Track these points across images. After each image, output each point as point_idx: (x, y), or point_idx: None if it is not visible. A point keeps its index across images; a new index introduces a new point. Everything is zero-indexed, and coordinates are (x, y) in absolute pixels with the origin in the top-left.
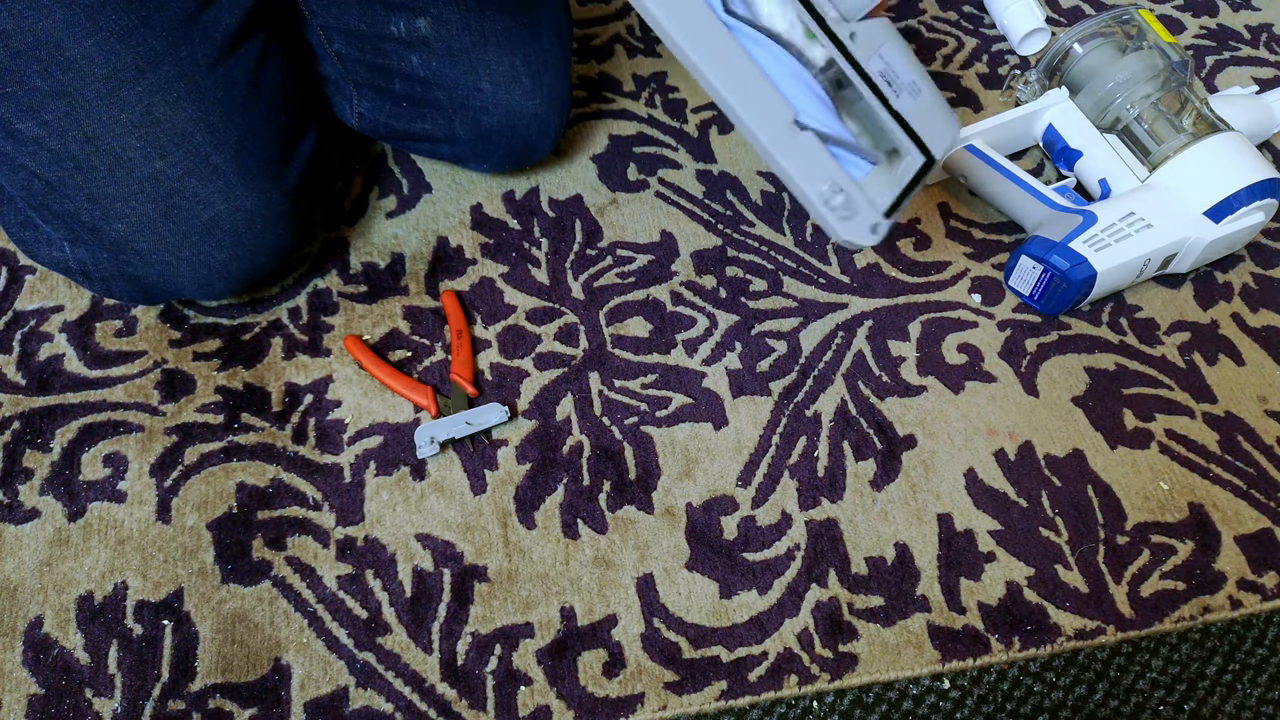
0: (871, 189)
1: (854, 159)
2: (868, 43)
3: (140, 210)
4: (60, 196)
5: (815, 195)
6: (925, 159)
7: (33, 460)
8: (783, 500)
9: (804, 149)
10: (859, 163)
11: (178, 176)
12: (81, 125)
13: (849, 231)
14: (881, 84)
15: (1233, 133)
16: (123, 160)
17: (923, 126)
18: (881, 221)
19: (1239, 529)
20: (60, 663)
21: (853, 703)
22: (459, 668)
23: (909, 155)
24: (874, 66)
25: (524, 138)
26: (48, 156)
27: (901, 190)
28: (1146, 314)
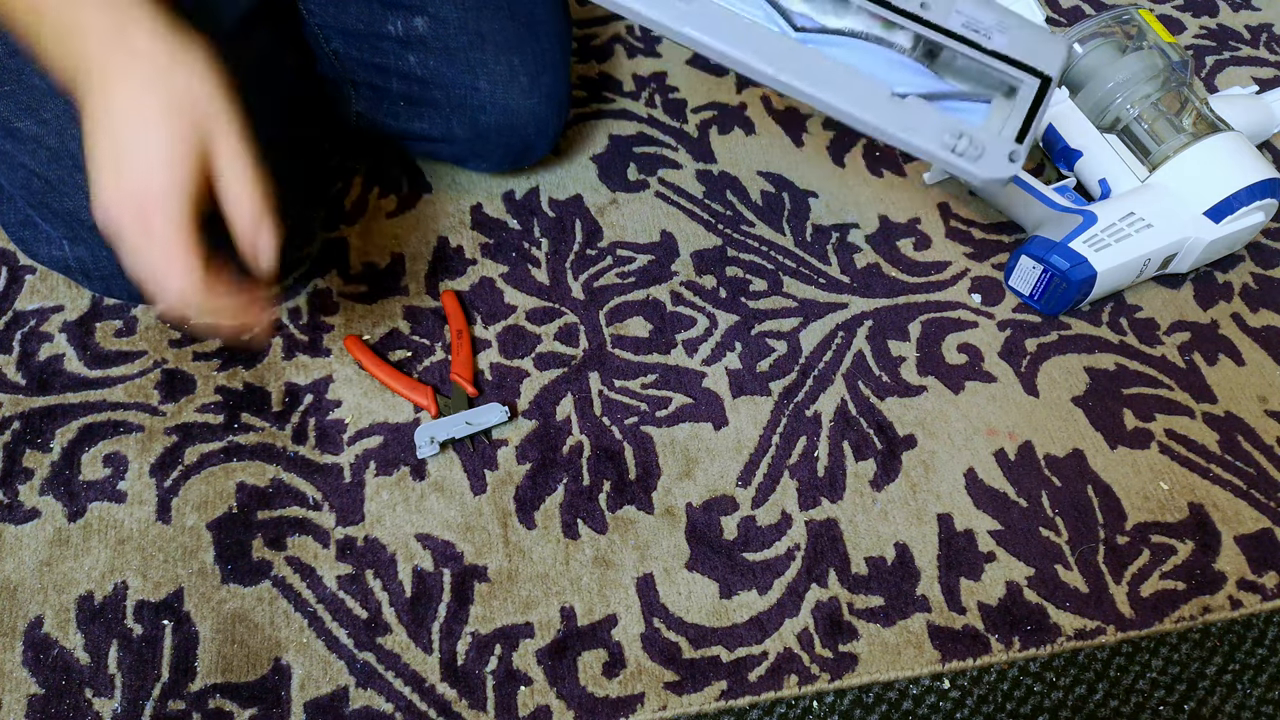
0: (995, 124)
1: (966, 106)
2: (942, 6)
3: None
4: (60, 195)
5: (939, 149)
6: (1040, 80)
7: (33, 460)
8: (783, 500)
9: (911, 114)
10: (973, 107)
11: None
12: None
13: (987, 168)
14: (969, 34)
15: (1233, 133)
16: None
17: (1024, 53)
18: (1016, 148)
19: (1239, 529)
20: (60, 663)
21: (853, 703)
22: (459, 668)
23: (1023, 83)
24: (955, 23)
25: (522, 137)
26: (47, 155)
27: (1026, 113)
28: (1146, 314)
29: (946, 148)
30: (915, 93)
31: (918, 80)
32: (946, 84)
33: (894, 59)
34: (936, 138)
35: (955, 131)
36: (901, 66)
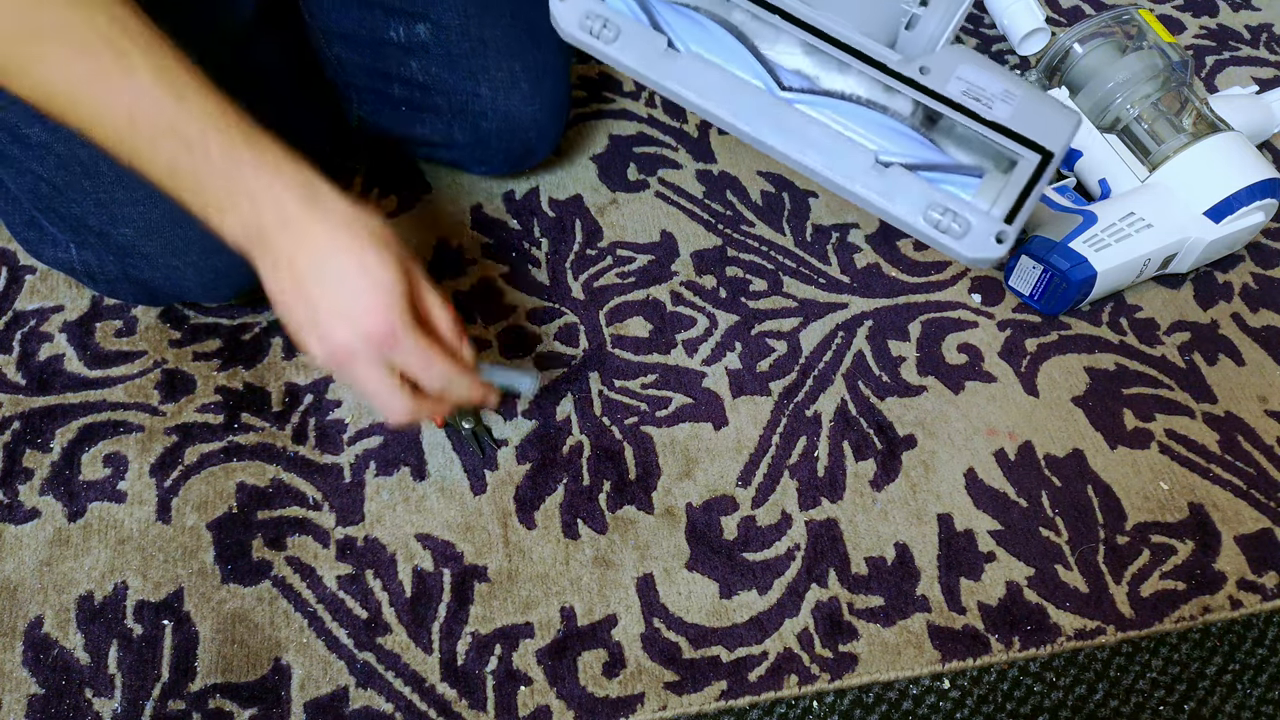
0: (985, 200)
1: (955, 179)
2: (942, 71)
3: (147, 215)
4: (67, 200)
5: (920, 222)
6: (1040, 155)
7: (33, 460)
8: (783, 500)
9: (892, 183)
10: (964, 180)
11: None
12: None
13: (972, 248)
14: (968, 102)
15: (1233, 133)
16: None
17: (1027, 125)
18: (1005, 229)
19: (1239, 529)
20: (60, 663)
21: (853, 703)
22: (459, 668)
23: (1022, 157)
24: (954, 89)
25: (523, 142)
26: (55, 161)
27: (1020, 191)
28: (1146, 314)
29: (929, 222)
30: (901, 161)
31: (909, 148)
32: (938, 152)
33: (887, 124)
34: (917, 210)
35: (939, 206)
36: (894, 133)
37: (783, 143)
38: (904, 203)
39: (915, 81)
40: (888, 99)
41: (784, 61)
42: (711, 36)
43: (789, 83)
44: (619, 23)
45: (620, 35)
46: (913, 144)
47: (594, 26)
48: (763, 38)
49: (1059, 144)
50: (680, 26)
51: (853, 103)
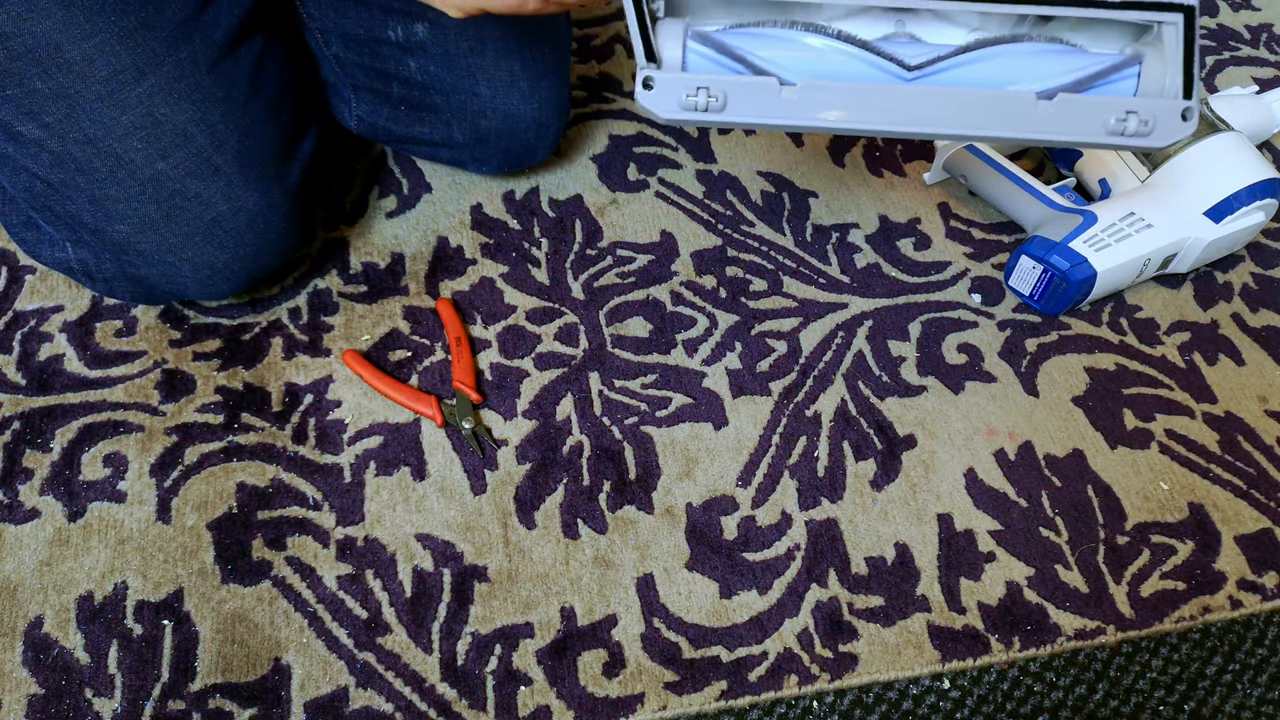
0: (1154, 85)
1: (1117, 79)
2: None
3: (142, 211)
4: (62, 198)
5: (1109, 137)
6: (1181, 11)
7: (33, 460)
8: (783, 500)
9: (1065, 112)
10: (1124, 76)
11: (179, 177)
12: (82, 127)
13: (1163, 137)
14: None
15: (1233, 133)
16: (124, 162)
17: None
18: (1187, 104)
19: (1239, 529)
20: (60, 663)
21: (853, 703)
22: (459, 668)
23: (1165, 24)
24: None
25: (522, 141)
26: (49, 159)
27: (1183, 60)
28: (1146, 314)
29: (1116, 133)
30: (1060, 86)
31: (1057, 65)
32: (1081, 54)
33: (1020, 51)
34: (1101, 127)
35: (1119, 113)
36: (1033, 55)
37: (948, 126)
38: (1084, 126)
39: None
40: (998, 26)
41: (876, 29)
42: (809, 50)
43: (908, 59)
44: (721, 86)
45: (728, 98)
46: (1056, 59)
47: (697, 101)
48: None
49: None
50: (774, 55)
51: (975, 50)
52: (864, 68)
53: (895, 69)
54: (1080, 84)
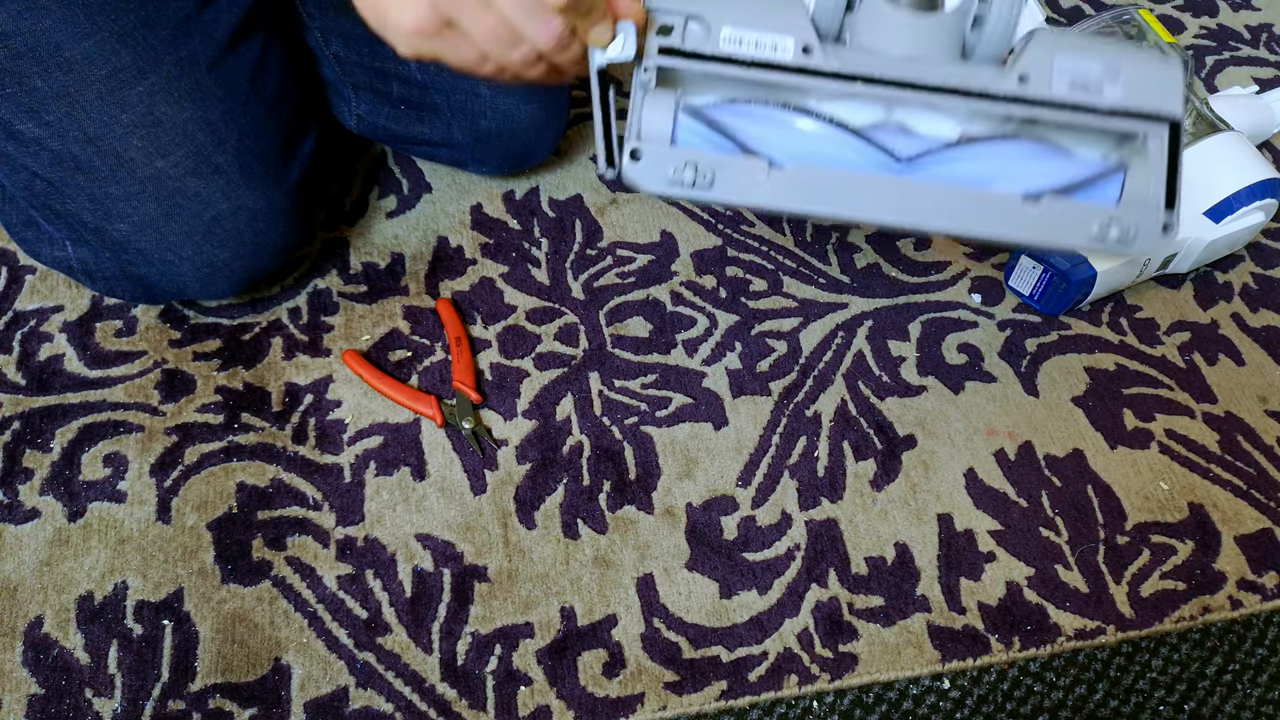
0: (1138, 193)
1: (1102, 185)
2: (1040, 71)
3: (142, 210)
4: (62, 197)
5: (1091, 243)
6: (1168, 124)
7: (33, 460)
8: (783, 500)
9: (1049, 216)
10: (1109, 182)
11: (179, 176)
12: (83, 126)
13: (1144, 247)
14: (1079, 96)
15: (1233, 133)
16: (124, 160)
17: (1142, 97)
18: (1169, 215)
19: (1239, 529)
20: (60, 663)
21: (853, 703)
22: (459, 668)
23: (1151, 135)
24: (1062, 88)
25: (522, 142)
26: (49, 157)
27: (1166, 171)
28: (1146, 314)
29: (1098, 241)
30: (1047, 188)
31: (1044, 167)
32: (1069, 157)
33: (1010, 150)
34: (1084, 233)
35: (1103, 221)
36: (1021, 155)
37: (932, 221)
38: (1068, 231)
39: (1021, 97)
40: (998, 123)
41: (871, 115)
42: (801, 133)
43: (899, 150)
44: (709, 164)
45: (715, 175)
46: (1044, 161)
47: (684, 177)
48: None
49: (1177, 105)
50: (765, 135)
51: (967, 145)
52: (855, 155)
53: (886, 159)
54: (1066, 188)
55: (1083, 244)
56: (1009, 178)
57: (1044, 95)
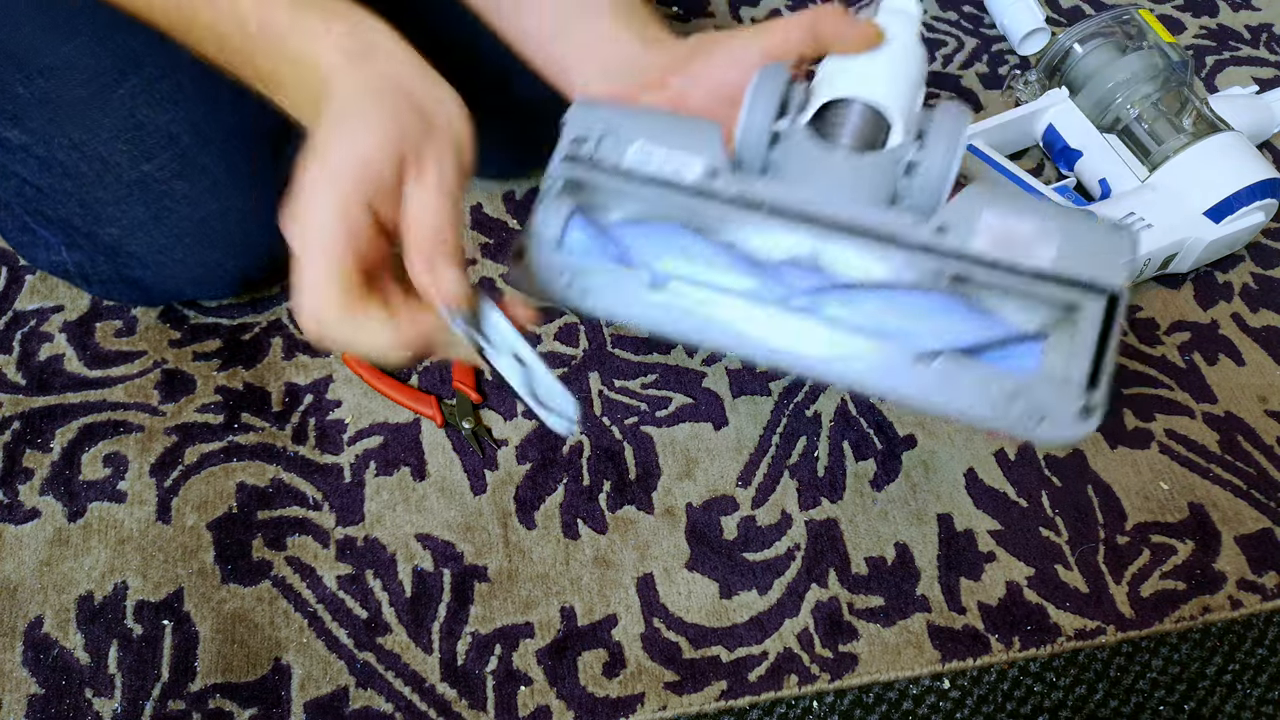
0: (1055, 369)
1: (1017, 350)
2: (963, 224)
3: (131, 214)
4: (52, 202)
5: (989, 416)
6: (1105, 296)
7: (33, 460)
8: (783, 500)
9: (944, 377)
10: (1026, 350)
11: (166, 179)
12: (66, 132)
13: (1053, 431)
14: (1003, 254)
15: (1233, 133)
16: (110, 165)
17: (1078, 263)
18: (1091, 397)
19: (1239, 529)
20: (60, 663)
21: (853, 703)
22: (459, 668)
23: (1083, 305)
24: (983, 242)
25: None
26: (35, 164)
27: (1094, 348)
28: (1146, 314)
29: (998, 413)
30: (947, 347)
31: (951, 324)
32: (984, 318)
33: (920, 302)
34: (982, 403)
35: (1007, 391)
36: (927, 308)
37: (814, 369)
38: (963, 397)
39: (936, 248)
40: (906, 265)
41: (773, 248)
42: (695, 259)
43: (793, 283)
44: (589, 272)
45: (591, 286)
46: (953, 316)
47: (560, 282)
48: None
49: (1120, 276)
50: (657, 254)
51: (868, 289)
52: (748, 286)
53: (780, 294)
54: (973, 349)
55: (980, 414)
56: (910, 332)
57: (962, 248)
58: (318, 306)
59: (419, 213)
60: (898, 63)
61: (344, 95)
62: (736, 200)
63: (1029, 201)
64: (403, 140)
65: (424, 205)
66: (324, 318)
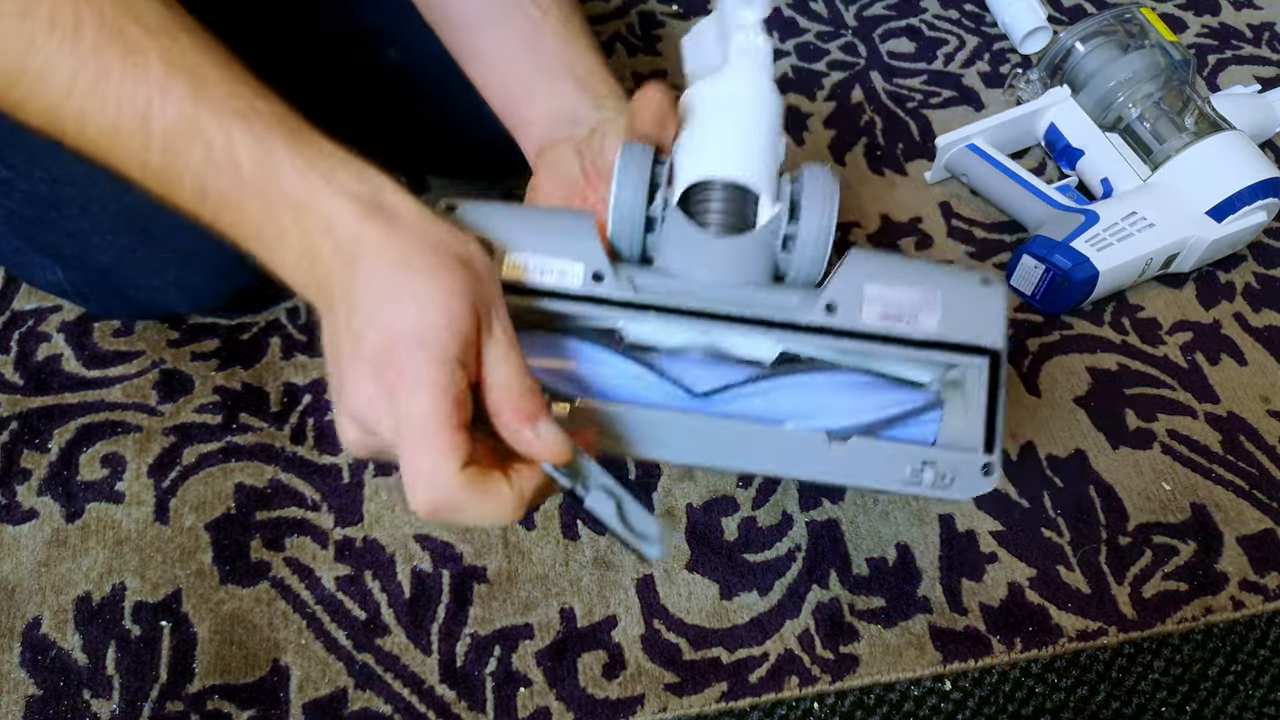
0: (955, 433)
1: (916, 422)
2: (850, 300)
3: (118, 243)
4: (42, 230)
5: (905, 487)
6: (987, 356)
7: (30, 461)
8: (783, 501)
9: (856, 457)
10: (926, 419)
11: (151, 210)
12: (45, 166)
13: (963, 490)
14: (888, 327)
15: (1235, 131)
16: (93, 197)
17: (959, 326)
18: (989, 459)
19: (1241, 529)
20: (58, 664)
21: (854, 704)
22: (458, 669)
23: (968, 367)
24: (872, 317)
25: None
26: (21, 196)
27: (985, 410)
28: (1149, 314)
29: (912, 484)
30: (854, 425)
31: (853, 400)
32: (891, 393)
33: (820, 382)
34: (896, 475)
35: (915, 464)
36: (833, 386)
37: (732, 461)
38: (877, 473)
39: (827, 328)
40: (799, 347)
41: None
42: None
43: (695, 385)
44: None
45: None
46: (856, 393)
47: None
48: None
49: (998, 333)
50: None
51: (770, 377)
52: (646, 390)
53: (681, 394)
54: (879, 425)
55: (897, 488)
56: (817, 412)
57: (852, 326)
58: (439, 497)
59: (505, 371)
60: (752, 126)
61: (392, 257)
62: (624, 304)
63: (909, 267)
64: (474, 296)
65: (507, 362)
66: (449, 502)
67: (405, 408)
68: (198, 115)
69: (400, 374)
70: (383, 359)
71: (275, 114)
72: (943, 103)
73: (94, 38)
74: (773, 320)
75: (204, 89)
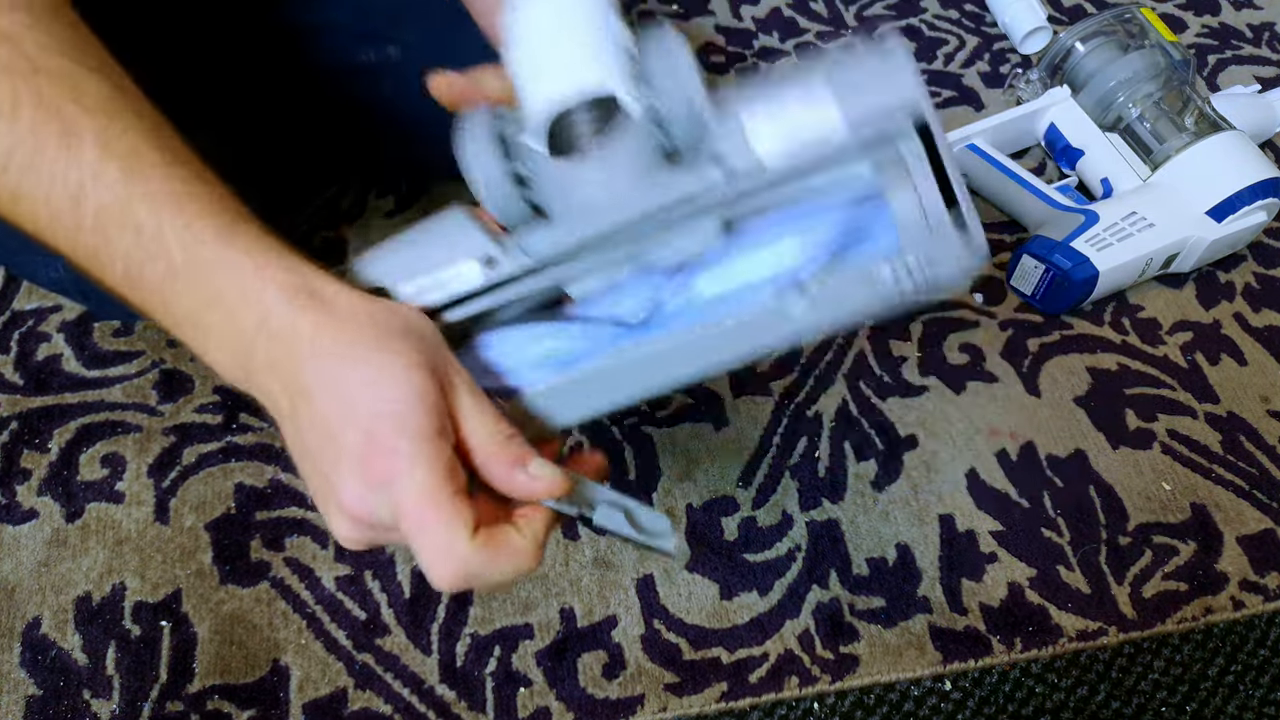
0: (912, 216)
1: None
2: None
3: None
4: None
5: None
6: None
7: (30, 461)
8: (783, 501)
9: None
10: (880, 224)
11: None
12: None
13: (952, 271)
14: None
15: (1235, 132)
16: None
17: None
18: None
19: (1241, 529)
20: (58, 664)
21: (854, 704)
22: (458, 669)
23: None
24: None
25: None
26: None
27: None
28: (1148, 314)
29: (895, 293)
30: (810, 269)
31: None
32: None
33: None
34: (874, 292)
35: (886, 269)
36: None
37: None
38: (861, 298)
39: (740, 191)
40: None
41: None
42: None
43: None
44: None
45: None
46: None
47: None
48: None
49: (912, 90)
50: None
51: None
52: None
53: (618, 330)
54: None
55: (879, 302)
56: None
57: (761, 181)
58: (459, 569)
59: (480, 424)
60: (584, 18)
61: (341, 347)
62: (530, 271)
63: (780, 80)
64: (429, 363)
65: (479, 414)
66: (470, 572)
67: (402, 493)
68: (129, 199)
69: (389, 461)
70: (367, 451)
71: (211, 198)
72: (943, 103)
73: (31, 116)
74: (677, 212)
75: (138, 172)
